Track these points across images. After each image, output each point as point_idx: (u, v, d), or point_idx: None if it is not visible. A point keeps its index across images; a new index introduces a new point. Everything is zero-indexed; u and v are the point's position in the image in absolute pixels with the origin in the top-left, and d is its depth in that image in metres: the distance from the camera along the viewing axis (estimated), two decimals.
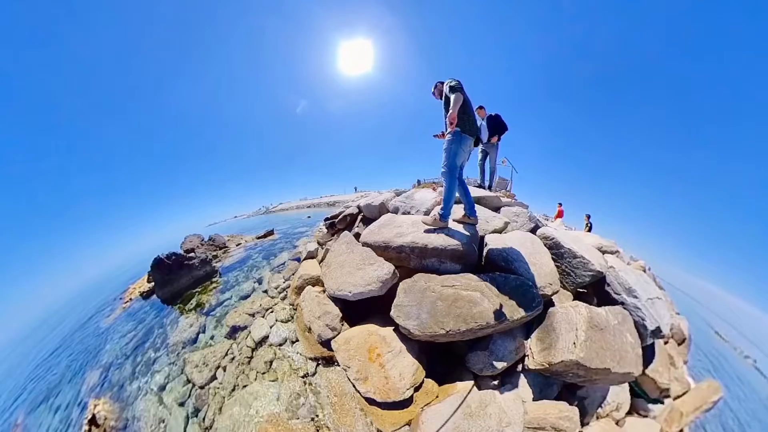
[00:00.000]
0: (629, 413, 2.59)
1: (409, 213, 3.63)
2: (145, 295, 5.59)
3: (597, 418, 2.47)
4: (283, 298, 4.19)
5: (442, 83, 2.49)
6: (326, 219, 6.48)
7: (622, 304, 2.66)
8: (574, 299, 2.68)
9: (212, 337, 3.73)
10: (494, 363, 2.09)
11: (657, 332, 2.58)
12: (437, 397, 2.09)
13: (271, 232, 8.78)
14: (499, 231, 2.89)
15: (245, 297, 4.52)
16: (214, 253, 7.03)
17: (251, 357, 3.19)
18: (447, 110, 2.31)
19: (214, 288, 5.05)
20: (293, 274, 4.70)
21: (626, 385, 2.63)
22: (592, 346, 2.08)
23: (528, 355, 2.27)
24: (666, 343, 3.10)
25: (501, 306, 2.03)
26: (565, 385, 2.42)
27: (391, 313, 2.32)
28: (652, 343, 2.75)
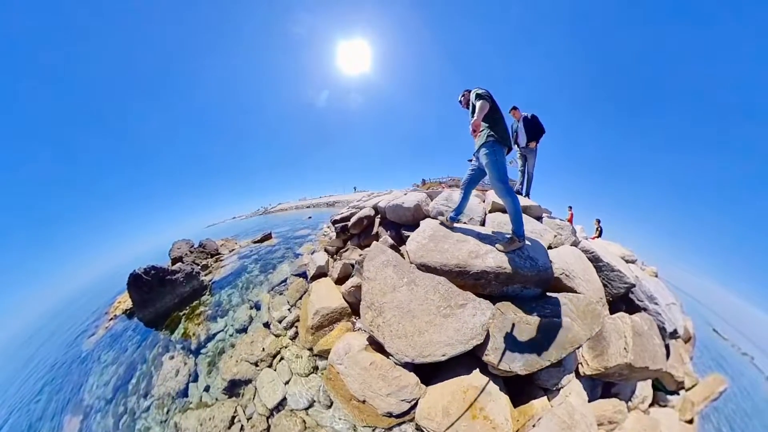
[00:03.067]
0: (651, 404, 3.30)
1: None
2: (129, 313, 5.16)
3: (628, 410, 3.11)
4: (293, 338, 3.57)
5: (469, 92, 2.62)
6: (334, 221, 6.12)
7: (645, 309, 3.32)
8: (609, 308, 3.26)
9: (207, 389, 3.24)
10: (566, 376, 2.44)
11: (674, 334, 3.31)
12: (518, 420, 2.18)
13: (268, 236, 8.43)
14: (551, 246, 3.22)
15: (242, 330, 4.05)
16: (205, 262, 6.64)
17: (269, 428, 2.58)
18: None
19: (203, 312, 4.72)
20: (300, 299, 4.31)
21: (649, 380, 3.32)
22: (636, 349, 2.65)
23: (581, 363, 2.77)
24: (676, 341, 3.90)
25: (584, 327, 2.36)
26: (603, 384, 3.01)
27: (488, 358, 2.19)
28: (668, 343, 3.49)
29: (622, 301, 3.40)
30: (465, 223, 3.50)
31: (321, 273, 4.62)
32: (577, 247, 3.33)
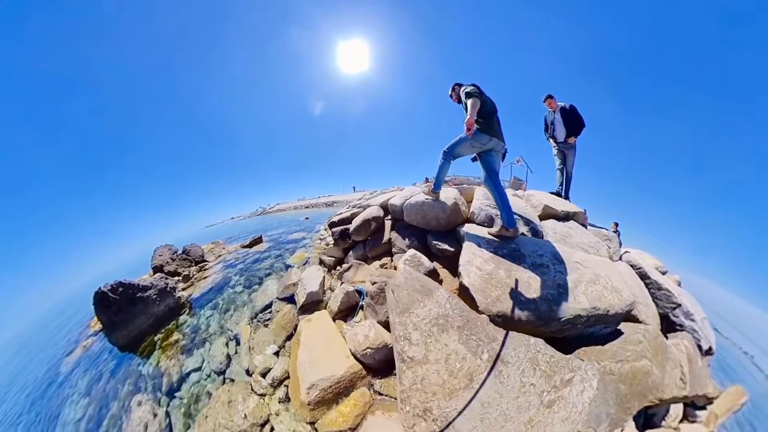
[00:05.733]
0: (681, 420, 3.28)
1: None
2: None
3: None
4: (284, 400, 2.74)
5: (460, 86, 2.71)
6: (332, 224, 5.23)
7: (681, 326, 3.22)
8: None
9: None
10: None
11: (709, 351, 3.26)
12: None
13: (258, 240, 7.73)
14: None
15: (219, 372, 3.39)
16: (187, 272, 5.95)
17: None
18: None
19: (177, 342, 4.13)
20: (288, 339, 3.34)
21: None
22: (690, 378, 2.50)
23: None
24: None
25: (658, 366, 2.17)
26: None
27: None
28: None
29: (662, 319, 3.26)
30: (523, 233, 2.85)
31: (314, 301, 3.59)
32: (625, 262, 3.08)
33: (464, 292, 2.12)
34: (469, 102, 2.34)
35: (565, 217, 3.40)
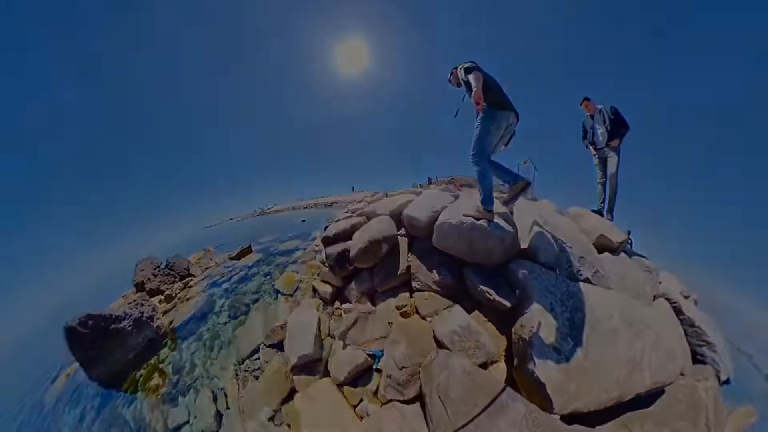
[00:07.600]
0: None
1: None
2: None
3: None
4: None
5: (457, 68, 2.62)
6: (326, 241, 4.09)
7: (702, 356, 3.03)
8: None
9: None
10: None
11: (727, 382, 3.11)
12: None
13: (247, 250, 7.06)
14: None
15: None
16: (169, 291, 5.53)
17: None
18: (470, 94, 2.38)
19: (159, 385, 3.65)
20: (285, 401, 2.72)
21: None
22: (714, 423, 2.33)
23: None
24: None
25: (695, 428, 1.89)
26: None
27: None
28: None
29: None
30: (590, 278, 2.30)
31: (310, 362, 2.87)
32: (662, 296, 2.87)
33: (532, 386, 1.64)
34: (471, 76, 2.27)
35: (616, 248, 2.94)
